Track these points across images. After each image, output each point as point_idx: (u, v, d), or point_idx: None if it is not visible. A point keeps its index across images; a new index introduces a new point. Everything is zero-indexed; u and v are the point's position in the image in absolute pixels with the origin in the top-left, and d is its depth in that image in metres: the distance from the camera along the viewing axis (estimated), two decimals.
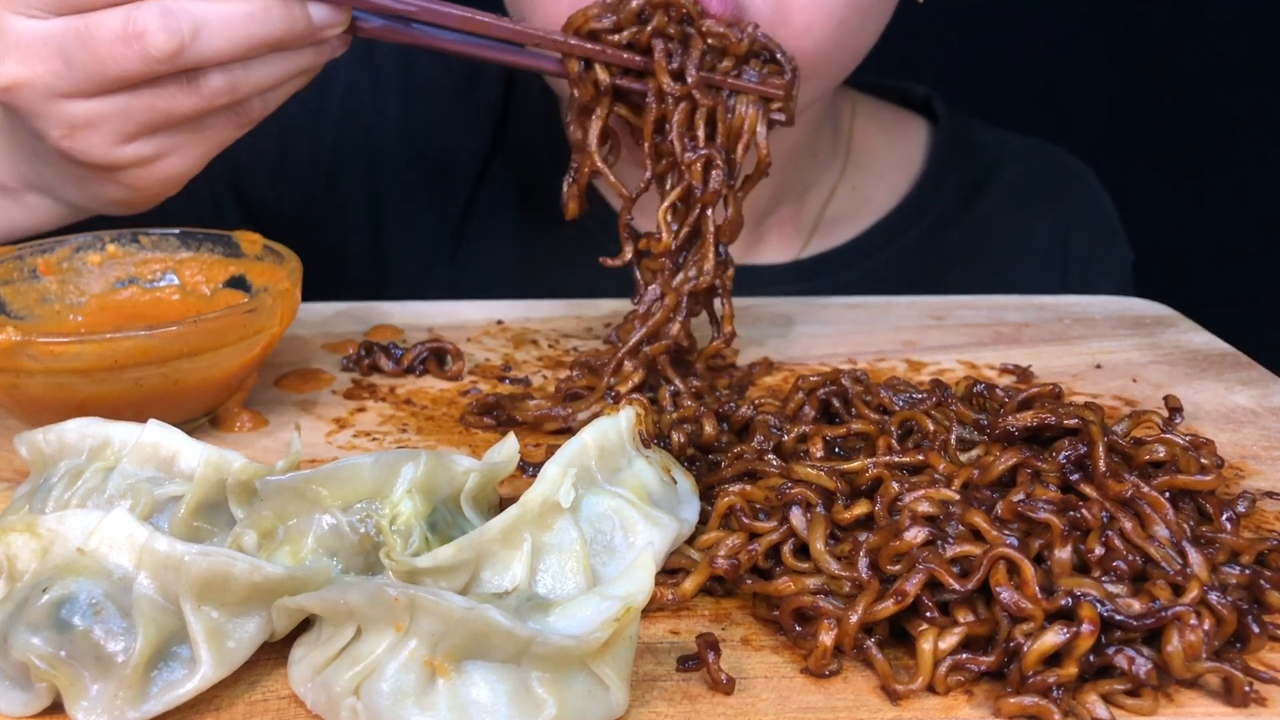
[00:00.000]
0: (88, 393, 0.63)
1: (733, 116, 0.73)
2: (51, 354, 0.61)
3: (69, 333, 0.67)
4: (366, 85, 1.06)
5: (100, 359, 0.61)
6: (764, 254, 1.05)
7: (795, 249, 1.06)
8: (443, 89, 1.07)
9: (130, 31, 0.61)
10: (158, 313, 0.75)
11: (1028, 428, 0.58)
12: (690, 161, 0.72)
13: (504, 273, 1.06)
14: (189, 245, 0.77)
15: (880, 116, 1.12)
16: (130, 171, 0.68)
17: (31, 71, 0.63)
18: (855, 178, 1.08)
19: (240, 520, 0.53)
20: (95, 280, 0.76)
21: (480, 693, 0.43)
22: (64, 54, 0.63)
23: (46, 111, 0.65)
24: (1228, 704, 0.47)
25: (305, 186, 1.06)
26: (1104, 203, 1.15)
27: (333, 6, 0.66)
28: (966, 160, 1.10)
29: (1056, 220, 1.12)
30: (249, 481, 0.54)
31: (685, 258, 0.75)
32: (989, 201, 1.10)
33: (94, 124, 0.65)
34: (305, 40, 0.66)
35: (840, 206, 1.07)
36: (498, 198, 1.07)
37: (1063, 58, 1.65)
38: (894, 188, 1.09)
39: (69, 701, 0.44)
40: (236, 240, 0.76)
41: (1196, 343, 0.88)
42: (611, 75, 0.72)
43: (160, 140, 0.67)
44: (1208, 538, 0.54)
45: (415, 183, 1.07)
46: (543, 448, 0.68)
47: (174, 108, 0.65)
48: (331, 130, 1.05)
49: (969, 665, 0.47)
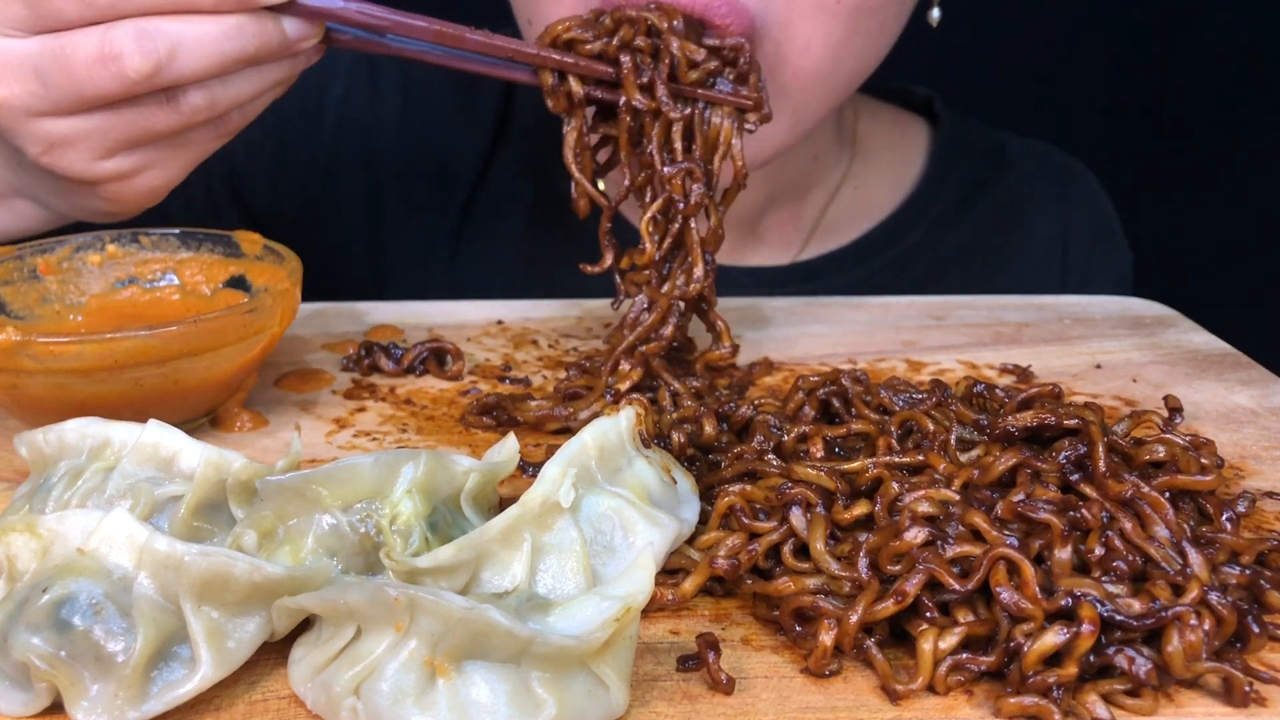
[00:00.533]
0: (88, 393, 0.63)
1: (708, 128, 0.74)
2: (51, 354, 0.61)
3: (69, 333, 0.67)
4: (364, 86, 1.06)
5: (100, 359, 0.61)
6: (762, 254, 1.05)
7: (794, 250, 1.06)
8: (442, 89, 1.07)
9: (107, 53, 0.61)
10: (158, 313, 0.75)
11: (1028, 428, 0.58)
12: (669, 175, 0.72)
13: (504, 273, 1.06)
14: (189, 245, 0.77)
15: (882, 118, 1.12)
16: (110, 185, 0.68)
17: (9, 91, 0.63)
18: (858, 178, 1.08)
19: (240, 520, 0.53)
20: (95, 280, 0.76)
21: (480, 693, 0.43)
22: (40, 74, 0.63)
23: (25, 130, 0.65)
24: (1228, 704, 0.47)
25: (304, 187, 1.06)
26: (1104, 204, 1.16)
27: (306, 20, 0.66)
28: (967, 161, 1.10)
29: (1056, 222, 1.12)
30: (249, 481, 0.54)
31: (671, 267, 0.75)
32: (989, 203, 1.10)
33: (72, 141, 0.65)
34: (281, 54, 0.66)
35: (841, 207, 1.07)
36: (498, 198, 1.07)
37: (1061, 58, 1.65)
38: (895, 189, 1.09)
39: (69, 701, 0.44)
40: (236, 240, 0.76)
41: (1196, 343, 0.88)
42: (585, 87, 0.72)
43: (140, 155, 0.67)
44: (1208, 538, 0.54)
45: (414, 183, 1.07)
46: (543, 448, 0.68)
47: (153, 125, 0.65)
48: (330, 132, 1.05)
49: (969, 665, 0.47)
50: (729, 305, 0.94)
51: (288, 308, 0.69)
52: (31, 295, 0.74)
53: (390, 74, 1.06)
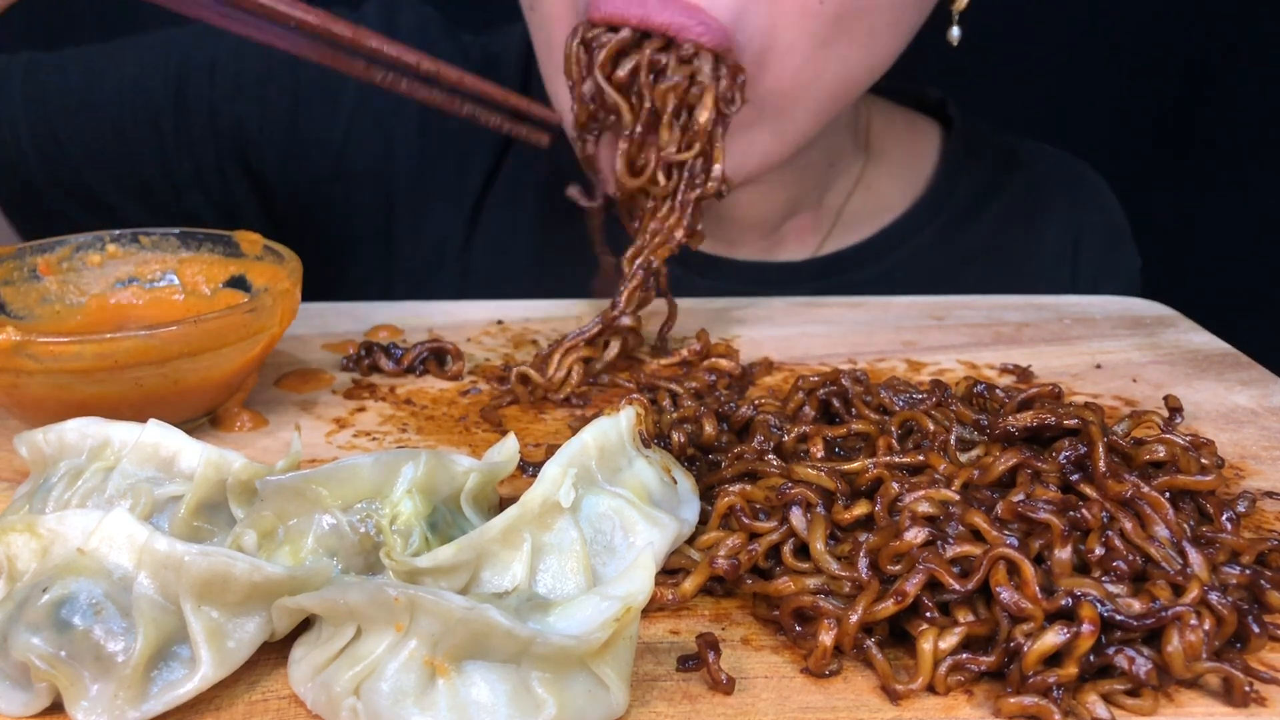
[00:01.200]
0: (88, 393, 0.63)
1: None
2: (51, 354, 0.61)
3: (69, 333, 0.67)
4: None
5: (100, 359, 0.61)
6: (782, 255, 1.06)
7: (811, 248, 1.06)
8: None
9: None
10: (158, 313, 0.75)
11: (1028, 428, 0.58)
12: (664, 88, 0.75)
13: (518, 263, 1.06)
14: (189, 245, 0.77)
15: (896, 119, 1.12)
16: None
17: None
18: (871, 179, 1.08)
19: (240, 520, 0.53)
20: (95, 280, 0.76)
21: (480, 693, 0.43)
22: None
23: None
24: (1228, 704, 0.47)
25: (315, 169, 1.05)
26: (1114, 208, 1.16)
27: None
28: (979, 164, 1.10)
29: (1067, 225, 1.12)
30: (249, 481, 0.54)
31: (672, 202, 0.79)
32: (1000, 205, 1.10)
33: None
34: None
35: (855, 207, 1.07)
36: (514, 187, 1.06)
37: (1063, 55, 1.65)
38: (908, 189, 1.09)
39: (69, 701, 0.44)
40: (236, 240, 0.75)
41: (1196, 343, 0.88)
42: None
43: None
44: (1208, 538, 0.54)
45: (429, 171, 1.06)
46: (543, 448, 0.68)
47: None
48: (345, 117, 1.04)
49: (969, 665, 0.47)
50: (729, 304, 0.94)
51: (288, 307, 0.69)
52: (31, 295, 0.74)
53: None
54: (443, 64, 0.78)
